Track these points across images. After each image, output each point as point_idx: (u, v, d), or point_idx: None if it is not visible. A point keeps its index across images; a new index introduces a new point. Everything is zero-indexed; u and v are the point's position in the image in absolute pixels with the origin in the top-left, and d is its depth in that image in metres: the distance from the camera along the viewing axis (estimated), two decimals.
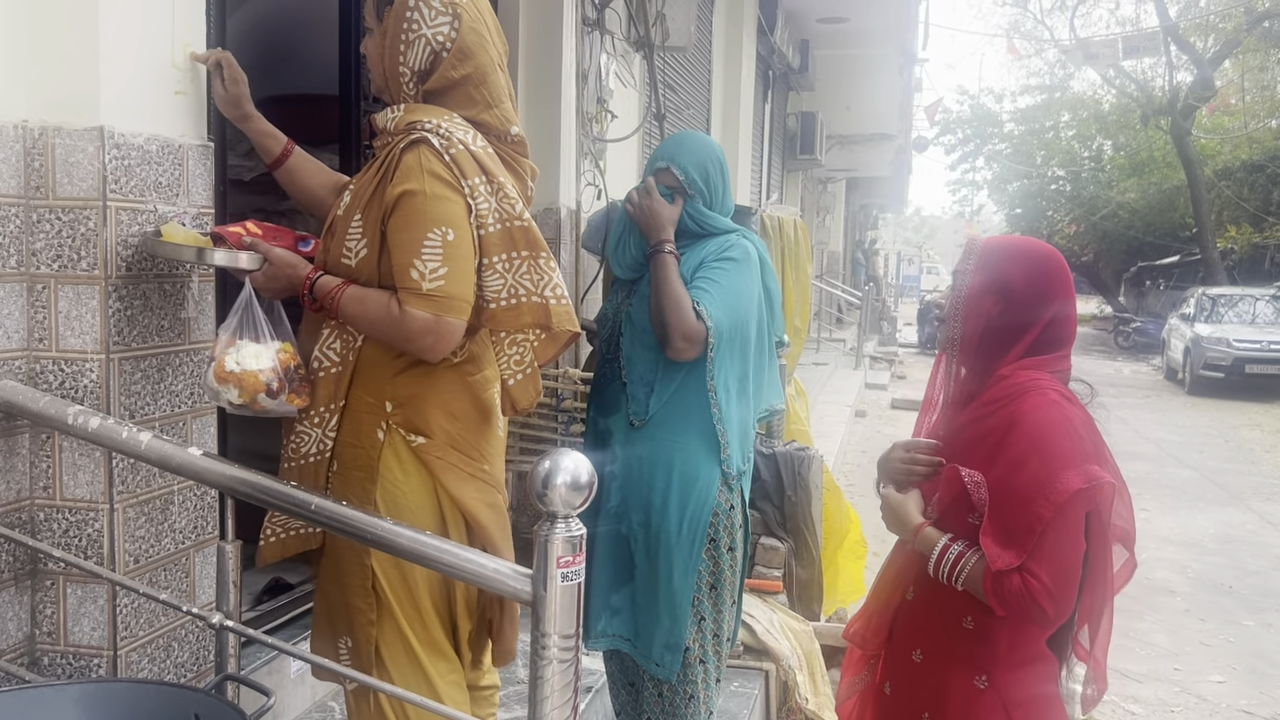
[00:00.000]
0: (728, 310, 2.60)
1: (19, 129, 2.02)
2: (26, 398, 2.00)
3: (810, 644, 4.15)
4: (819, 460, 4.57)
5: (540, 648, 1.69)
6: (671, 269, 2.61)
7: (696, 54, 7.81)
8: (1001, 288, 2.07)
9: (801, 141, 13.61)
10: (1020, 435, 1.96)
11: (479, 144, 2.03)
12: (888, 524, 2.19)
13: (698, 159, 2.71)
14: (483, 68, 2.08)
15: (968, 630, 2.04)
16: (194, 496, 2.29)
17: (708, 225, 2.71)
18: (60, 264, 2.04)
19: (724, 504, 2.67)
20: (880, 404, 14.01)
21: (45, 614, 2.12)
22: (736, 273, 2.65)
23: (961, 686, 2.04)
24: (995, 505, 1.95)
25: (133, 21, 2.08)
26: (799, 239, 5.71)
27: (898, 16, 12.56)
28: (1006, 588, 1.90)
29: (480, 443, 2.12)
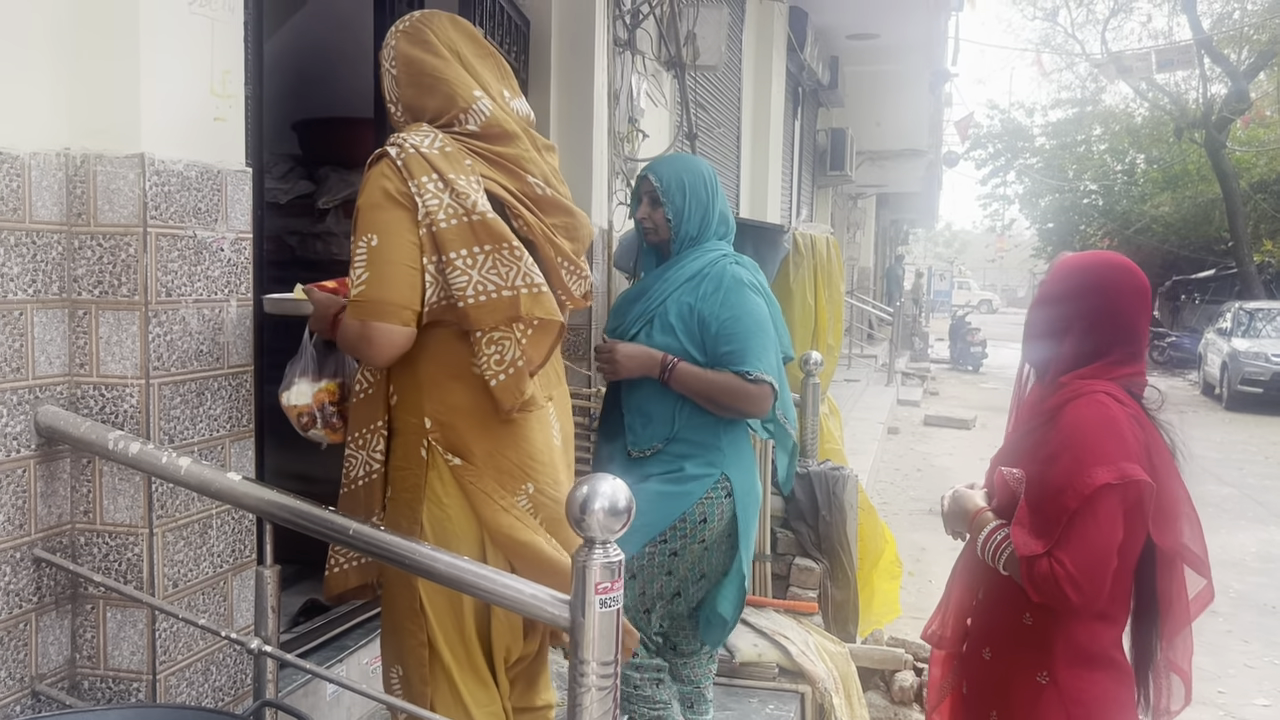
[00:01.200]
0: (768, 345, 2.73)
1: (61, 157, 2.04)
2: (67, 423, 2.01)
3: (847, 666, 4.10)
4: (854, 479, 4.53)
5: (579, 675, 1.67)
6: (692, 377, 2.71)
7: (726, 72, 7.82)
8: (1080, 315, 2.12)
9: (832, 157, 13.58)
10: (1056, 432, 2.04)
11: (434, 146, 2.00)
12: (949, 524, 2.28)
13: (675, 169, 2.84)
14: (430, 72, 2.08)
15: (1027, 627, 2.11)
16: (232, 520, 2.29)
17: (684, 232, 2.80)
18: (101, 290, 2.06)
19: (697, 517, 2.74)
20: (913, 421, 13.91)
21: (85, 638, 2.12)
22: (749, 303, 2.74)
23: (1024, 682, 2.11)
24: (1028, 497, 2.04)
25: (173, 49, 2.10)
26: (831, 256, 5.68)
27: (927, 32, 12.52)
28: (1036, 571, 1.97)
29: (524, 459, 2.08)
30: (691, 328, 2.73)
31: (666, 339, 2.75)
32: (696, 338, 2.73)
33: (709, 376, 2.71)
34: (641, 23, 5.22)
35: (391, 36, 2.15)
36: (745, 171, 9.05)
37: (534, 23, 4.45)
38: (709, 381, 2.71)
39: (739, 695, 3.85)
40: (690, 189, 2.81)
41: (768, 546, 4.42)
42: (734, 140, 8.71)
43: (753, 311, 2.75)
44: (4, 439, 1.94)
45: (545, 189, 2.12)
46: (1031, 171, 34.88)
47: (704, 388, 2.71)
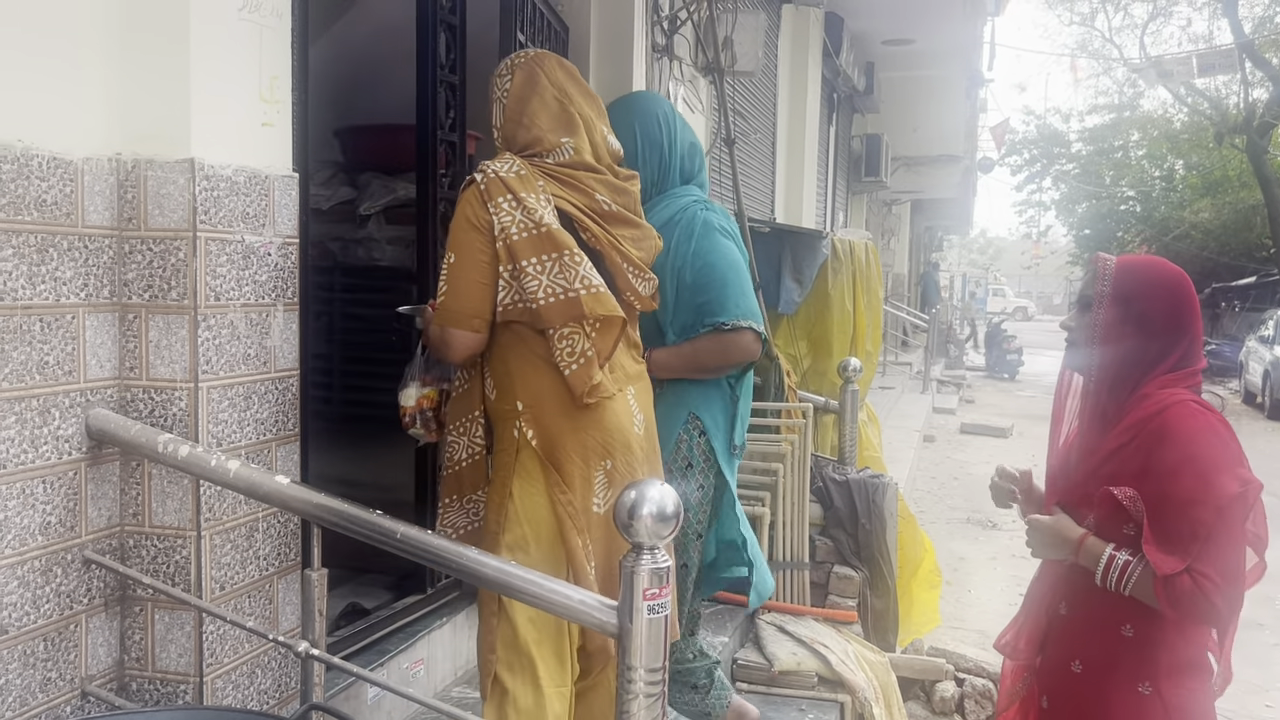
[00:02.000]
0: (745, 289, 2.68)
1: (113, 162, 2.06)
2: (118, 426, 2.03)
3: (887, 675, 4.07)
4: (893, 488, 4.50)
5: (626, 681, 1.66)
6: (673, 357, 2.66)
7: (762, 78, 7.80)
8: (1142, 318, 2.12)
9: (866, 164, 13.53)
10: (1171, 446, 2.02)
11: (510, 170, 2.26)
12: (1036, 548, 2.23)
13: (622, 113, 2.71)
14: (530, 113, 2.36)
15: (1128, 639, 2.10)
16: (278, 524, 2.30)
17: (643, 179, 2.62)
18: (151, 294, 2.08)
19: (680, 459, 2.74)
20: (949, 429, 13.79)
21: (134, 639, 2.14)
22: (720, 247, 2.68)
23: (1126, 695, 2.10)
24: (1153, 516, 2.00)
25: (222, 55, 2.11)
26: (870, 262, 5.65)
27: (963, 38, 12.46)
28: (1179, 589, 1.95)
29: (604, 438, 2.29)
30: (664, 282, 2.57)
31: None
32: (669, 294, 2.64)
33: (687, 351, 2.66)
34: (679, 28, 5.22)
35: (507, 70, 2.42)
36: (780, 177, 9.02)
37: (573, 29, 4.46)
38: (689, 356, 2.66)
39: (778, 704, 3.82)
40: (642, 133, 2.70)
41: (806, 554, 4.39)
42: (769, 146, 8.69)
43: (726, 256, 2.67)
44: (56, 441, 1.96)
45: (611, 205, 2.36)
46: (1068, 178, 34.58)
47: (686, 363, 2.66)
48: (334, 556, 2.07)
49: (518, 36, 3.63)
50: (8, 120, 1.85)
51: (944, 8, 10.38)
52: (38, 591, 1.94)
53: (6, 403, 1.86)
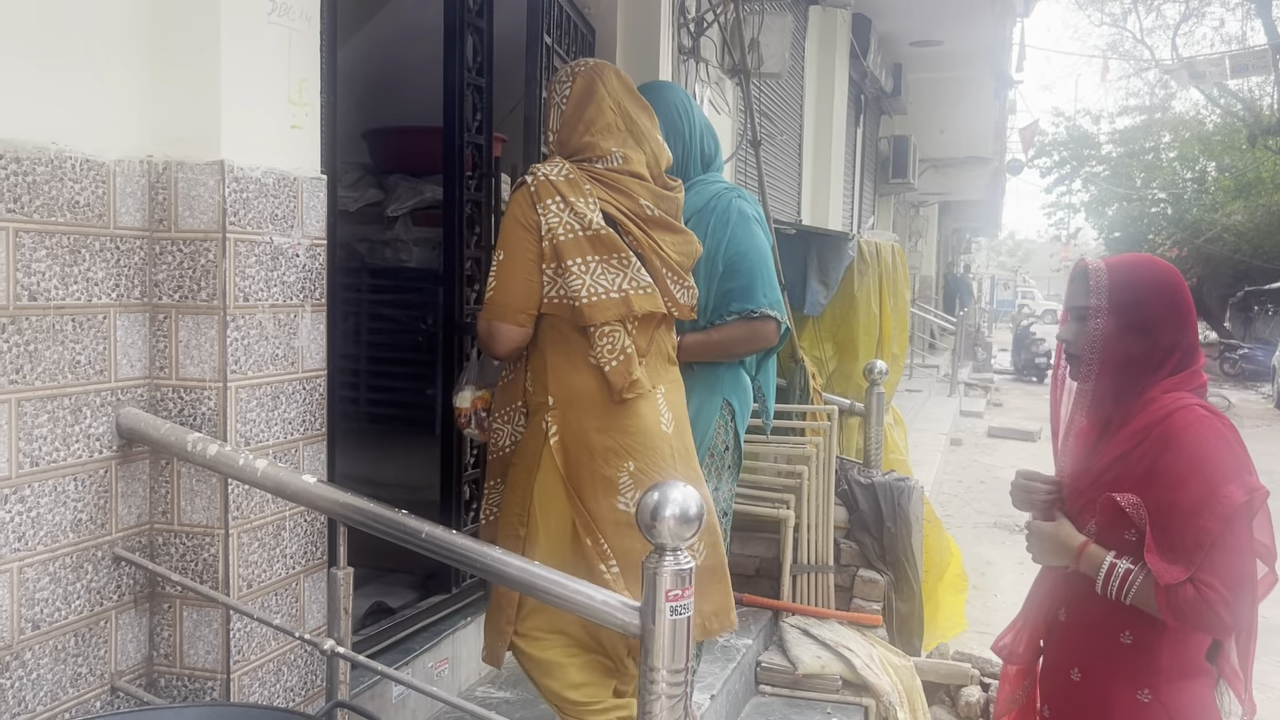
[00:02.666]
0: (772, 280, 2.73)
1: (144, 164, 2.08)
2: (148, 425, 2.05)
3: (911, 680, 4.05)
4: (919, 491, 4.47)
5: (649, 682, 1.66)
6: (700, 345, 2.66)
7: (789, 79, 7.78)
8: (1143, 326, 2.08)
9: (894, 165, 13.45)
10: (1177, 454, 1.98)
11: (560, 174, 2.36)
12: (1036, 553, 2.22)
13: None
14: (587, 121, 2.44)
15: (1127, 646, 2.07)
16: (304, 522, 2.32)
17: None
18: (181, 294, 2.10)
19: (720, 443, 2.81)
20: (976, 432, 13.70)
21: (162, 636, 2.16)
22: (755, 237, 2.73)
23: (1125, 702, 2.07)
24: (1157, 524, 1.97)
25: (252, 58, 2.14)
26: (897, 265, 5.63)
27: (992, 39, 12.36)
28: (1181, 599, 1.92)
29: (629, 441, 2.36)
30: (697, 267, 2.62)
31: None
32: (702, 276, 2.67)
33: (714, 339, 2.69)
34: (705, 30, 5.22)
35: (568, 76, 2.50)
36: (807, 179, 9.00)
37: (599, 31, 4.47)
38: (716, 343, 2.69)
39: (801, 707, 3.81)
40: (664, 122, 2.67)
41: (830, 557, 4.38)
42: (796, 148, 8.67)
43: (759, 246, 2.72)
44: (87, 439, 1.99)
45: (655, 210, 2.44)
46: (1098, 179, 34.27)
47: (714, 349, 2.70)
48: (360, 556, 2.09)
49: (544, 39, 3.64)
50: (42, 123, 1.88)
51: (972, 9, 10.31)
52: (69, 588, 1.97)
53: (39, 401, 1.88)
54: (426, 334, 3.92)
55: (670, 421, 2.44)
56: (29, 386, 1.86)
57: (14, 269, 1.82)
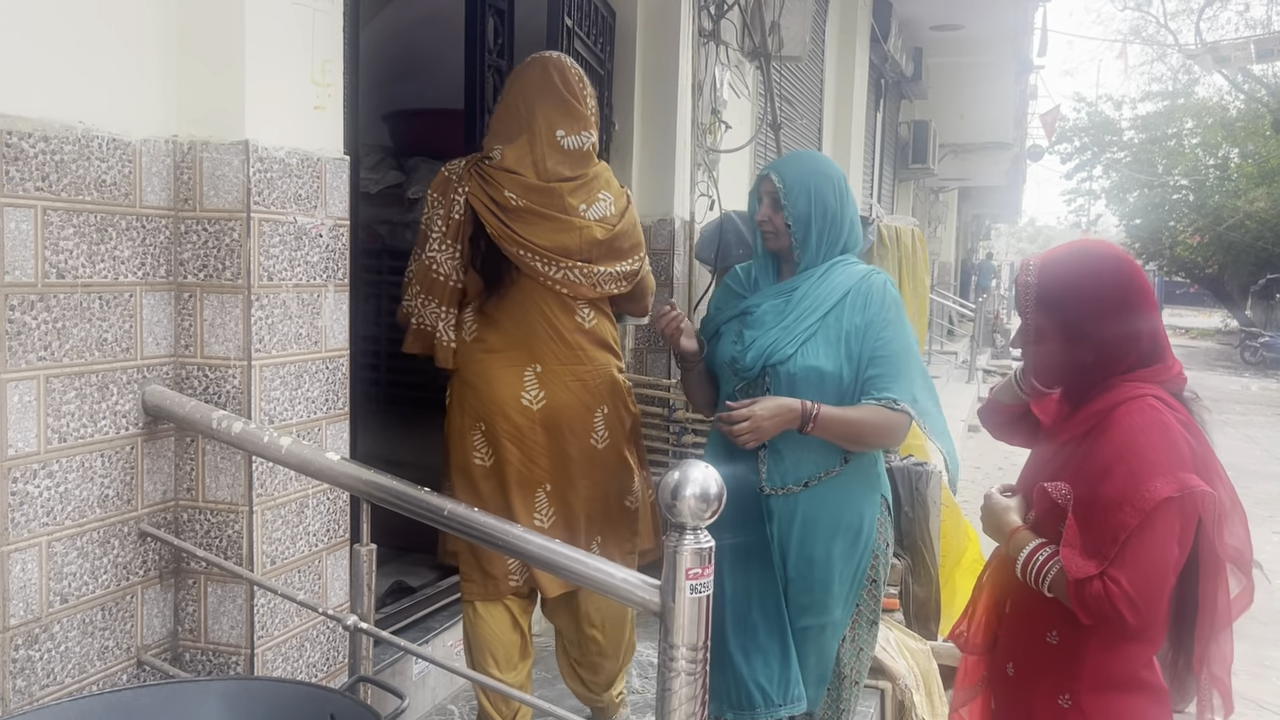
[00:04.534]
0: (915, 373, 2.51)
1: (169, 143, 2.10)
2: (173, 402, 2.08)
3: (928, 664, 4.05)
4: (937, 476, 4.47)
5: (668, 660, 1.67)
6: (838, 423, 2.44)
7: (809, 63, 7.75)
8: (1067, 322, 1.96)
9: (914, 150, 13.39)
10: (1107, 442, 1.88)
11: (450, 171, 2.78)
12: (985, 528, 2.11)
13: (801, 171, 2.59)
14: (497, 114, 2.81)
15: (1052, 645, 1.97)
16: (327, 500, 2.35)
17: (809, 241, 2.56)
18: (206, 274, 2.12)
19: (882, 542, 2.62)
20: None
21: (188, 611, 2.19)
22: (904, 324, 2.55)
23: (1046, 704, 1.98)
24: (1080, 515, 1.87)
25: (276, 39, 2.15)
26: (916, 249, 5.61)
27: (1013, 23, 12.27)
28: (1088, 592, 1.82)
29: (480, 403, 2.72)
30: (853, 348, 2.49)
31: (828, 360, 2.49)
32: (855, 357, 2.50)
33: (852, 416, 2.45)
34: (726, 13, 5.20)
35: None
36: None
37: (620, 13, 4.46)
38: (853, 421, 2.46)
39: None
40: (816, 194, 2.56)
41: None
42: (815, 132, 8.64)
43: (906, 334, 2.54)
44: (114, 416, 2.01)
45: (519, 202, 2.63)
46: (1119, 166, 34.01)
47: (849, 429, 2.46)
48: (380, 535, 2.11)
49: (565, 21, 3.64)
50: (69, 102, 1.90)
51: None
52: (96, 562, 2.00)
53: (67, 378, 1.91)
54: None
55: (539, 400, 2.67)
56: (57, 363, 1.89)
57: (42, 247, 1.84)
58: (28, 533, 1.85)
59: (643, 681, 3.36)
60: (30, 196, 1.82)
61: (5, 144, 1.77)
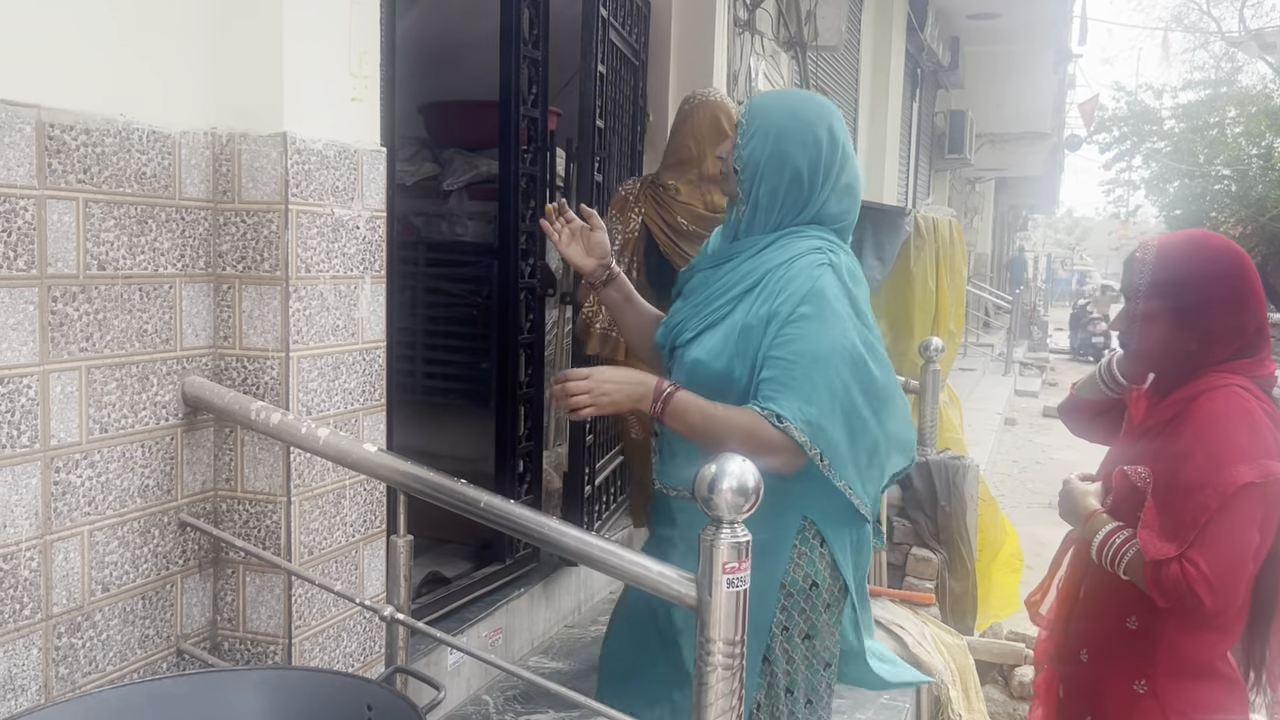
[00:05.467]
0: (820, 391, 1.96)
1: (208, 136, 2.11)
2: (212, 393, 2.09)
3: (964, 659, 4.02)
4: (974, 470, 4.43)
5: (705, 653, 1.67)
6: (694, 412, 1.99)
7: (844, 53, 7.70)
8: (1179, 306, 1.96)
9: (950, 140, 13.29)
10: (1189, 427, 1.89)
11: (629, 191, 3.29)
12: (1062, 513, 2.14)
13: (772, 107, 2.09)
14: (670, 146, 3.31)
15: (1130, 631, 1.98)
16: (364, 491, 2.36)
17: (758, 198, 2.07)
18: (244, 265, 2.13)
19: (802, 579, 2.06)
20: (1031, 412, 13.54)
21: (226, 600, 2.21)
22: (819, 332, 1.97)
23: (1121, 690, 1.99)
24: (1159, 498, 1.88)
25: (314, 30, 2.15)
26: (954, 240, 5.55)
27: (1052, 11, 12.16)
28: (1165, 574, 1.82)
29: None
30: (750, 343, 2.01)
31: (716, 354, 2.04)
32: (751, 356, 2.02)
33: (717, 415, 1.97)
34: (761, 3, 5.17)
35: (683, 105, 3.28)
36: (861, 154, 8.91)
37: (655, 4, 4.45)
38: (715, 421, 1.97)
39: None
40: (778, 138, 2.02)
41: (883, 535, 4.35)
42: (850, 122, 8.58)
43: (823, 338, 1.97)
44: (154, 407, 2.02)
45: (688, 226, 3.06)
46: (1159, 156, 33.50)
47: (710, 430, 1.97)
48: (415, 526, 2.11)
49: (600, 12, 3.63)
50: (110, 95, 1.91)
51: None
52: (136, 551, 2.01)
53: (108, 369, 1.92)
54: (481, 307, 3.94)
55: None
56: (98, 354, 1.90)
57: (84, 238, 1.86)
58: (70, 522, 1.87)
59: None
60: (72, 189, 1.83)
61: (48, 137, 1.78)
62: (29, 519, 1.80)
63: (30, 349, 1.78)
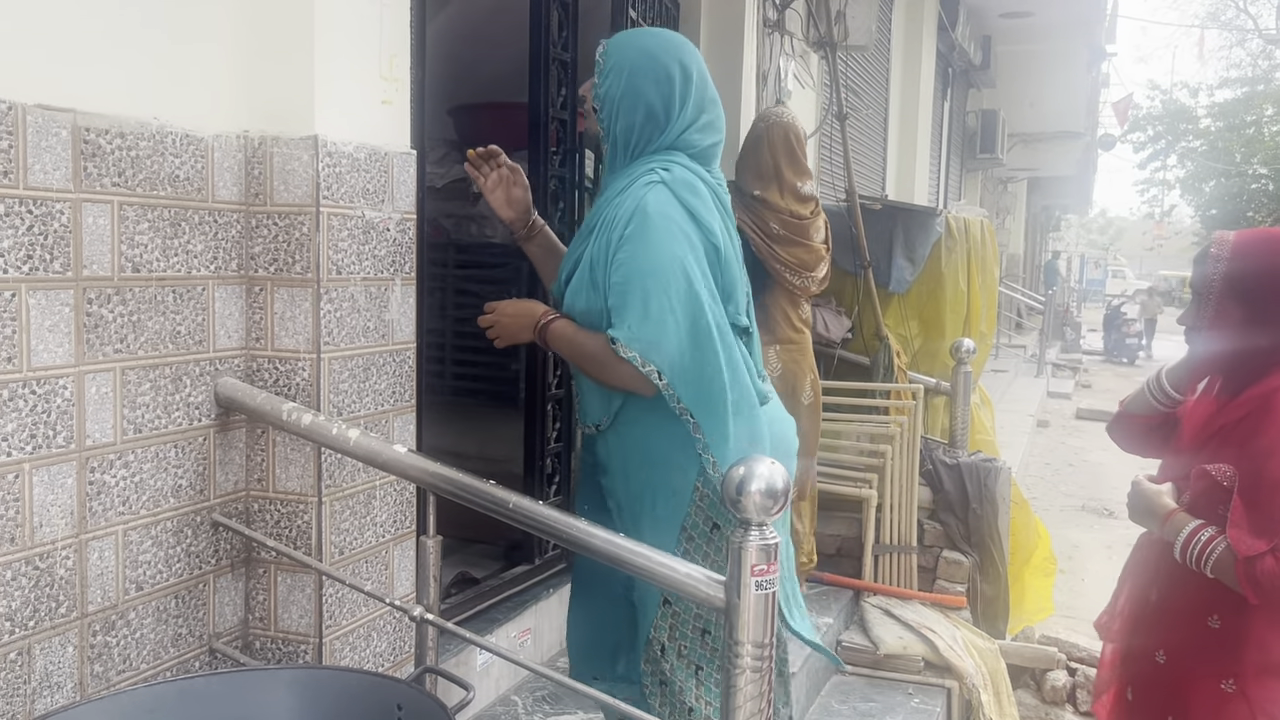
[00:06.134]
0: (650, 306, 1.99)
1: (241, 139, 2.13)
2: (245, 394, 2.11)
3: (996, 663, 3.99)
4: (1006, 472, 4.39)
5: (733, 656, 1.66)
6: (562, 340, 2.12)
7: (875, 53, 7.66)
8: (1255, 297, 1.97)
9: (981, 140, 13.19)
10: (1272, 422, 1.89)
11: None
12: (1134, 514, 2.14)
13: (627, 44, 2.17)
14: (752, 162, 3.77)
15: (1213, 630, 1.97)
16: (394, 492, 2.37)
17: (616, 134, 2.14)
18: (276, 267, 2.15)
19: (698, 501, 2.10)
20: (1064, 414, 13.41)
21: (258, 600, 2.22)
22: (644, 242, 2.00)
23: (1208, 690, 1.98)
24: (1245, 495, 1.88)
25: (345, 34, 2.16)
26: (986, 241, 5.51)
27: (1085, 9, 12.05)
28: (1260, 570, 1.83)
29: None
30: (599, 276, 2.08)
31: (580, 294, 2.12)
32: (602, 289, 2.08)
33: (578, 341, 2.08)
34: (791, 3, 5.15)
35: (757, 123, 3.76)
36: (892, 154, 8.86)
37: (684, 4, 4.45)
38: (576, 347, 2.09)
39: (882, 687, 3.79)
40: (633, 75, 2.10)
41: (914, 538, 4.33)
42: (881, 122, 8.53)
43: (645, 255, 1.99)
44: (187, 408, 2.04)
45: (779, 230, 3.61)
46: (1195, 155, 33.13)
47: (574, 356, 2.11)
48: (444, 526, 2.12)
49: (629, 13, 3.63)
50: (144, 99, 1.93)
51: None
52: (170, 551, 2.03)
53: (143, 370, 1.94)
54: None
55: (777, 368, 3.66)
56: (133, 356, 1.92)
57: (119, 241, 1.88)
58: (105, 521, 1.90)
59: None
60: (107, 192, 1.85)
61: (83, 141, 1.80)
62: (65, 518, 1.82)
63: (66, 350, 1.80)
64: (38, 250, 1.74)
